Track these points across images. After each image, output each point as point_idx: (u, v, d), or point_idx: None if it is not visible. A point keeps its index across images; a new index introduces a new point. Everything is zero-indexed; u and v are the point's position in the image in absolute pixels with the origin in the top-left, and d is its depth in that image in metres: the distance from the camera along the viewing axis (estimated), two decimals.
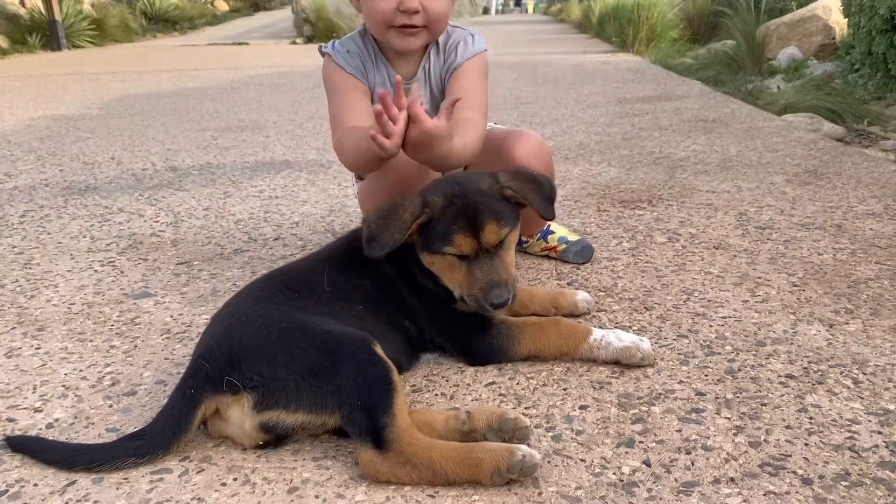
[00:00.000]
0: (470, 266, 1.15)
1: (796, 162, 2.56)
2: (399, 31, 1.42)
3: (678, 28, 7.94)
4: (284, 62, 7.98)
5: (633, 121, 3.57)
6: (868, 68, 4.66)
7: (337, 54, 1.49)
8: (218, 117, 4.12)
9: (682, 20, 8.14)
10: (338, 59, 1.48)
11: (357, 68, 1.48)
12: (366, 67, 1.49)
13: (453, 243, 1.14)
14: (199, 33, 14.16)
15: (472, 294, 1.15)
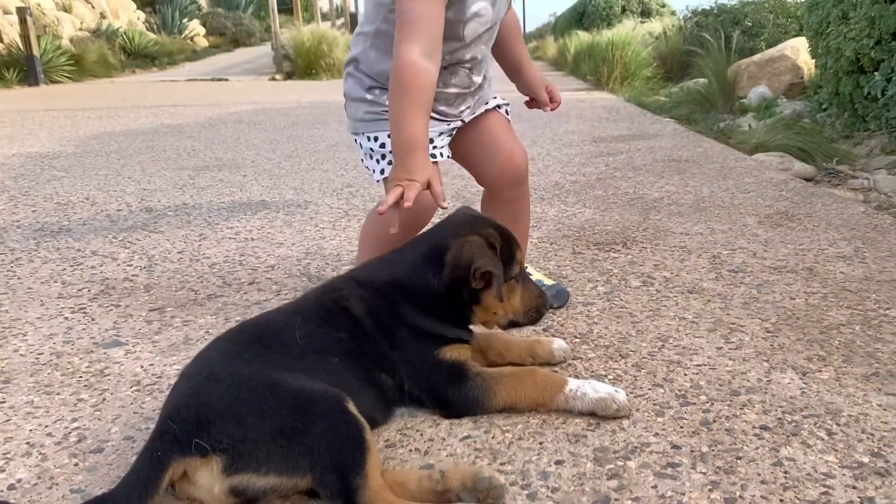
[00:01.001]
0: (523, 283, 1.27)
1: (768, 203, 2.60)
2: None
3: (651, 66, 8.08)
4: (263, 99, 8.01)
5: (608, 160, 3.61)
6: (835, 108, 4.77)
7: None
8: (195, 156, 4.11)
9: (656, 58, 8.30)
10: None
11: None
12: None
13: (517, 265, 1.25)
14: (179, 69, 14.18)
15: (534, 305, 1.28)
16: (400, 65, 1.34)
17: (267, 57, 14.42)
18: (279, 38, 12.36)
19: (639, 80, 7.81)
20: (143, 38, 14.45)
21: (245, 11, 19.81)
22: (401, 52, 1.34)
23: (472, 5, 1.43)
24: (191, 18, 17.61)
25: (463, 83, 1.55)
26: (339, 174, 3.48)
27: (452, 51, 1.48)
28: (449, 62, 1.49)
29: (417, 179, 1.26)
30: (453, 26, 1.42)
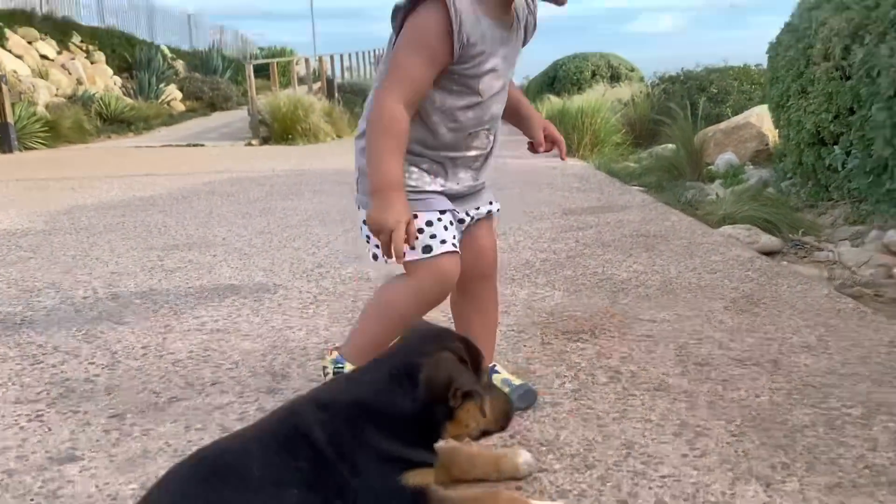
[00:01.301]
0: (489, 390, 1.25)
1: (734, 285, 2.63)
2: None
3: (621, 132, 8.26)
4: (238, 167, 8.03)
5: (578, 235, 3.65)
6: (799, 177, 4.88)
7: (454, 13, 1.36)
8: (166, 233, 4.09)
9: (625, 125, 8.49)
10: (454, 20, 1.36)
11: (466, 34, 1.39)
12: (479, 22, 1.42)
13: (483, 374, 1.25)
14: (155, 133, 14.23)
15: (503, 411, 1.26)
16: (383, 109, 1.40)
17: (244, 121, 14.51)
18: (255, 103, 12.47)
19: (609, 146, 7.97)
20: (119, 103, 14.52)
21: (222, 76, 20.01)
22: (384, 97, 1.41)
23: (488, 62, 1.45)
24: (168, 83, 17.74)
25: (482, 145, 1.56)
26: (310, 252, 3.48)
27: (471, 106, 1.48)
28: (473, 126, 1.51)
29: (402, 219, 1.36)
30: (470, 81, 1.45)
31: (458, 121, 1.48)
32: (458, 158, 1.53)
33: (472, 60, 1.42)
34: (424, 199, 1.50)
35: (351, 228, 4.00)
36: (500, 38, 1.46)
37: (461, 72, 1.43)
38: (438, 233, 1.49)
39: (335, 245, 3.64)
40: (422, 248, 1.47)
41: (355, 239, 3.76)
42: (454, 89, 1.46)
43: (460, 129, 1.50)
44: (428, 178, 1.52)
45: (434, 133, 1.49)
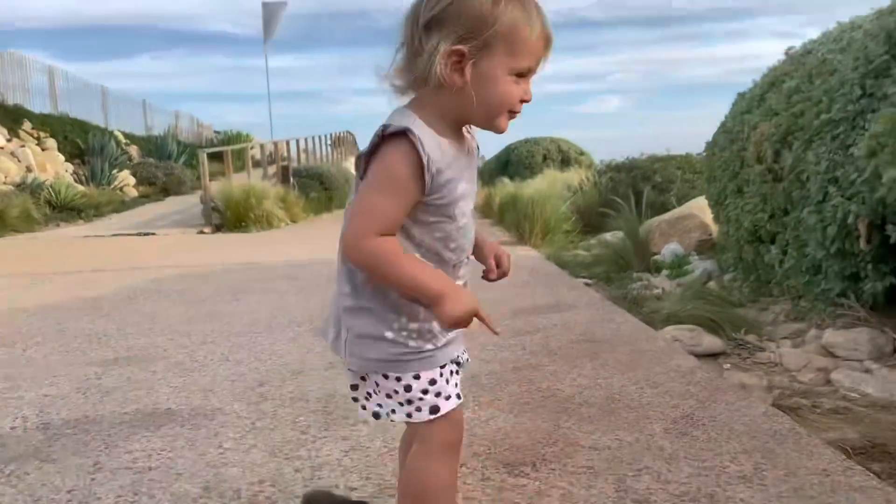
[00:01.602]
0: None
1: (675, 402, 2.64)
2: (511, 115, 1.43)
3: (570, 220, 8.43)
4: (188, 259, 7.96)
5: (525, 341, 3.65)
6: (741, 272, 5.00)
7: (423, 151, 1.34)
8: (106, 343, 3.99)
9: (574, 212, 8.68)
10: (423, 157, 1.34)
11: (435, 166, 1.37)
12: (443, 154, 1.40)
13: None
14: (106, 221, 14.07)
15: None
16: (374, 247, 1.35)
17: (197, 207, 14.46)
18: (208, 191, 12.47)
19: (559, 234, 8.12)
20: (69, 190, 14.38)
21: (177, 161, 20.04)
22: (364, 241, 1.36)
23: (458, 187, 1.42)
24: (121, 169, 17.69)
25: (465, 274, 1.52)
26: (252, 367, 3.41)
27: (452, 236, 1.45)
28: (457, 256, 1.47)
29: (476, 300, 1.33)
30: (445, 209, 1.42)
31: (443, 252, 1.45)
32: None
33: (443, 189, 1.40)
34: (425, 357, 1.46)
35: (295, 337, 3.96)
36: (463, 162, 1.46)
37: (435, 202, 1.40)
38: (443, 389, 1.46)
39: (279, 355, 3.58)
40: (429, 409, 1.44)
41: (300, 347, 3.72)
42: (431, 221, 1.42)
43: (446, 262, 1.46)
44: (427, 335, 1.46)
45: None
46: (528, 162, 15.64)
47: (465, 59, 1.33)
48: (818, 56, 4.30)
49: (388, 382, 1.46)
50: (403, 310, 1.44)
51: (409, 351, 1.44)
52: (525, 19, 1.35)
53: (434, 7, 1.35)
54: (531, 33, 1.35)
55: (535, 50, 1.38)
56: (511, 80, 1.37)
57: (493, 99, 1.38)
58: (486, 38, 1.32)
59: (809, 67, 4.28)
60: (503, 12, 1.32)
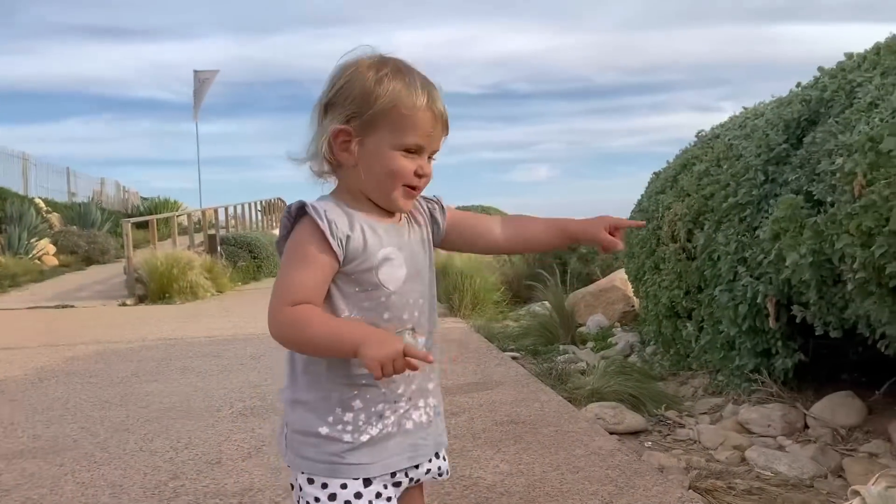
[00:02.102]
0: None
1: (594, 489, 2.66)
2: (407, 191, 1.41)
3: (500, 291, 8.52)
4: (107, 335, 7.67)
5: (450, 424, 3.62)
6: (661, 346, 5.13)
7: (322, 220, 1.34)
8: (11, 433, 3.78)
9: (503, 283, 8.78)
10: (323, 226, 1.34)
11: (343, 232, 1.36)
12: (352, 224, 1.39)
13: None
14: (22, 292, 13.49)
15: None
16: (284, 319, 1.32)
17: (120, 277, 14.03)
18: (132, 262, 12.13)
19: (488, 304, 8.18)
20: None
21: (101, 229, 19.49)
22: (277, 310, 1.33)
23: (379, 252, 1.39)
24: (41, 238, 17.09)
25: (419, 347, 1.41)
26: (167, 457, 3.28)
27: (382, 304, 1.39)
28: (395, 328, 1.40)
29: (399, 345, 1.24)
30: (366, 275, 1.38)
31: (378, 323, 1.38)
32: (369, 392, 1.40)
33: (359, 254, 1.38)
34: (350, 465, 1.39)
35: (214, 423, 3.84)
36: (392, 232, 1.44)
37: (355, 269, 1.38)
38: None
39: (196, 444, 3.46)
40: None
41: (218, 434, 3.60)
42: (357, 290, 1.39)
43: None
44: (363, 426, 1.39)
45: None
46: None
47: (351, 138, 1.38)
48: (725, 141, 4.54)
49: (312, 489, 1.39)
50: (335, 398, 1.38)
51: (344, 449, 1.37)
52: (407, 96, 1.37)
53: (329, 91, 1.41)
54: (414, 110, 1.38)
55: (422, 126, 1.39)
56: (399, 155, 1.39)
57: (382, 174, 1.40)
58: (369, 116, 1.36)
59: (718, 152, 4.52)
60: (385, 91, 1.36)
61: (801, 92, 4.06)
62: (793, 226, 3.26)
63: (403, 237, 1.46)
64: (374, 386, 1.39)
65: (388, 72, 1.39)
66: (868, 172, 2.75)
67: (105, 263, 17.69)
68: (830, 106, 3.60)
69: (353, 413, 1.39)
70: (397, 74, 1.39)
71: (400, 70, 1.40)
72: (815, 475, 3.00)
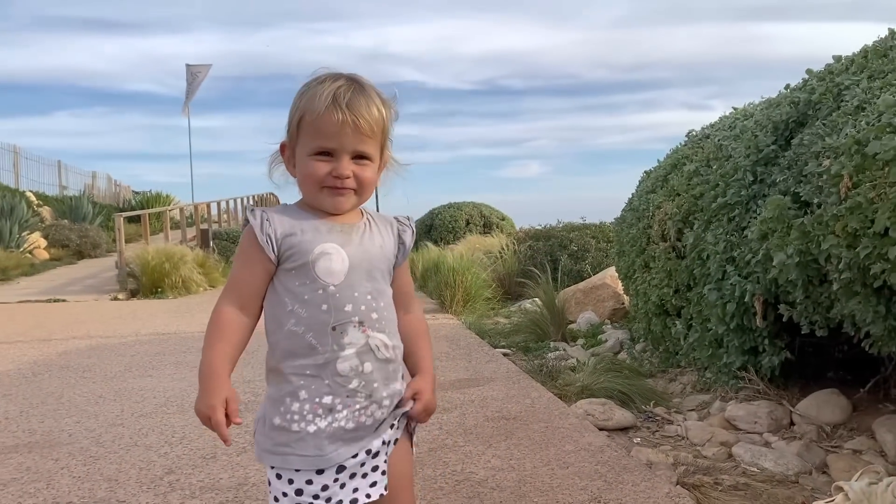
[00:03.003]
0: None
1: (583, 484, 2.71)
2: (330, 191, 1.51)
3: (491, 287, 8.56)
4: (99, 329, 7.69)
5: (442, 420, 3.68)
6: (650, 343, 5.18)
7: (256, 221, 1.51)
8: (6, 428, 3.81)
9: (495, 279, 8.82)
10: (255, 228, 1.50)
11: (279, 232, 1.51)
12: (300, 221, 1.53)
13: None
14: (13, 286, 13.45)
15: None
16: (212, 312, 1.50)
17: (112, 271, 14.01)
18: (123, 256, 12.12)
19: (480, 301, 8.22)
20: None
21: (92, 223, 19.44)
22: (216, 304, 1.51)
23: (315, 247, 1.48)
24: (32, 231, 17.04)
25: (359, 343, 1.47)
26: (162, 451, 3.32)
27: (320, 297, 1.47)
28: (335, 318, 1.47)
29: (216, 403, 1.40)
30: (304, 270, 1.48)
31: (318, 314, 1.46)
32: (332, 364, 1.46)
33: (295, 248, 1.49)
34: (298, 456, 1.45)
35: None
36: (335, 230, 1.52)
37: (292, 264, 1.49)
38: (335, 494, 1.47)
39: (190, 439, 3.49)
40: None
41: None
42: (297, 285, 1.48)
43: (325, 325, 1.46)
44: (308, 416, 1.45)
45: (297, 337, 1.47)
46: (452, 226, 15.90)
47: (286, 150, 1.56)
48: (715, 142, 4.59)
49: (279, 483, 1.46)
50: (286, 389, 1.47)
51: (292, 439, 1.43)
52: (311, 104, 1.49)
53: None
54: (316, 115, 1.48)
55: (324, 128, 1.48)
56: (312, 160, 1.50)
57: (304, 180, 1.54)
58: (292, 130, 1.53)
59: (707, 152, 4.57)
60: (298, 103, 1.51)
61: (789, 94, 4.11)
62: (780, 226, 3.31)
63: (352, 236, 1.55)
64: (318, 377, 1.46)
65: (308, 85, 1.52)
66: (854, 175, 2.80)
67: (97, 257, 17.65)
68: (818, 108, 3.66)
69: (300, 403, 1.46)
70: (316, 87, 1.50)
71: (322, 82, 1.50)
72: (801, 471, 3.06)
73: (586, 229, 9.39)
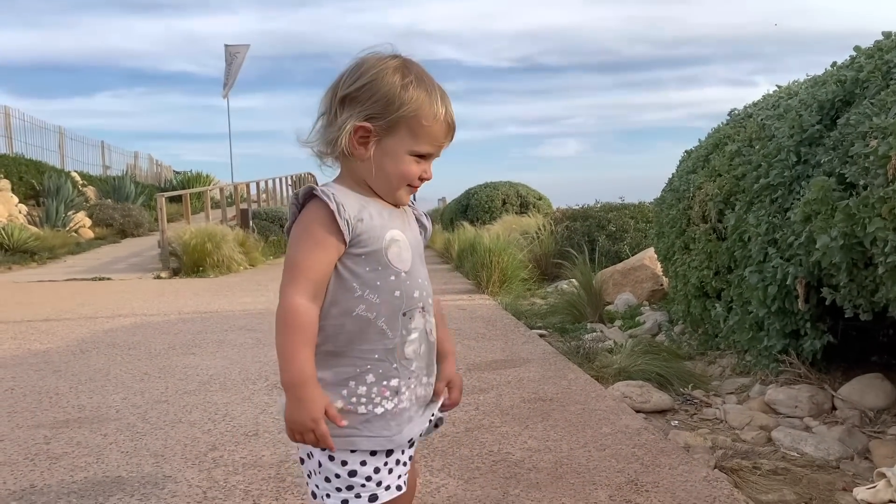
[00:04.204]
0: None
1: (620, 466, 2.72)
2: (410, 189, 1.53)
3: (528, 268, 8.55)
4: (143, 307, 7.87)
5: (479, 400, 3.71)
6: (689, 326, 5.13)
7: (331, 201, 1.44)
8: (57, 403, 3.94)
9: (531, 260, 8.80)
10: (332, 206, 1.44)
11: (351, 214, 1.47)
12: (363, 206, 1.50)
13: None
14: (60, 263, 13.83)
15: None
16: (285, 307, 1.42)
17: (154, 250, 14.30)
18: (165, 235, 12.35)
19: (516, 282, 8.22)
20: (22, 233, 14.13)
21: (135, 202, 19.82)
22: (284, 295, 1.43)
23: (386, 232, 1.50)
24: (77, 211, 17.44)
25: (421, 327, 1.53)
26: (205, 429, 3.40)
27: (392, 283, 1.49)
28: (407, 304, 1.50)
29: (319, 416, 1.37)
30: (376, 256, 1.48)
31: (390, 300, 1.48)
32: (400, 348, 1.50)
33: (366, 235, 1.47)
34: (366, 437, 1.47)
35: (250, 395, 3.96)
36: (396, 217, 1.55)
37: (362, 250, 1.47)
38: (384, 479, 1.49)
39: (233, 416, 3.58)
40: (368, 496, 1.47)
41: (255, 407, 3.71)
42: (367, 271, 1.48)
43: (396, 311, 1.49)
44: (376, 398, 1.48)
45: (368, 323, 1.47)
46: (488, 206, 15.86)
47: (370, 136, 1.46)
48: (758, 121, 4.50)
49: (332, 465, 1.48)
50: (349, 373, 1.47)
51: (360, 421, 1.46)
52: (429, 107, 1.47)
53: (351, 85, 1.48)
54: (434, 121, 1.47)
55: (437, 136, 1.50)
56: (412, 160, 1.49)
57: (393, 175, 1.50)
58: (391, 120, 1.45)
59: (750, 132, 4.48)
60: (410, 99, 1.44)
61: (835, 72, 4.01)
62: (824, 208, 3.24)
63: (405, 221, 1.58)
64: (386, 361, 1.49)
65: (412, 79, 1.47)
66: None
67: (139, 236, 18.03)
68: (866, 87, 3.56)
69: (367, 387, 1.48)
70: (420, 84, 1.48)
71: (423, 80, 1.49)
72: (842, 457, 3.03)
73: (625, 209, 9.31)
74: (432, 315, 1.58)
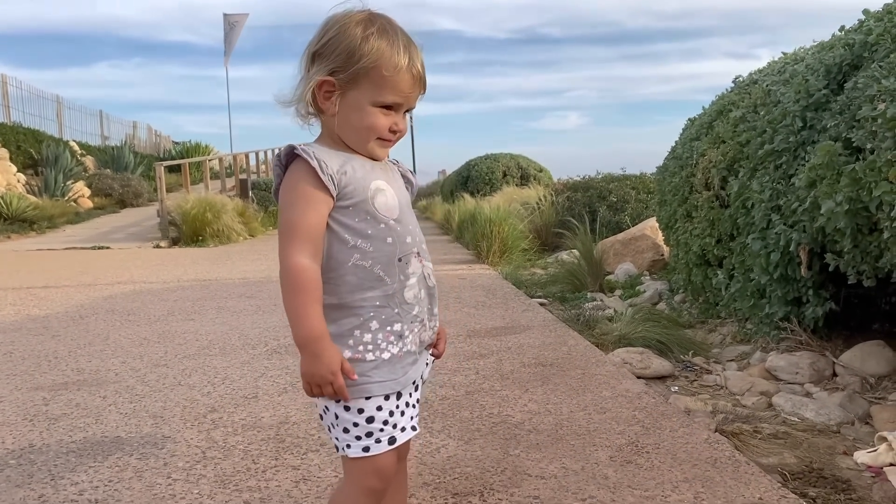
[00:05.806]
0: None
1: (621, 428, 2.71)
2: (382, 142, 1.53)
3: (528, 239, 8.52)
4: (142, 275, 7.86)
5: (478, 365, 3.70)
6: (690, 294, 5.12)
7: (312, 159, 1.45)
8: (56, 366, 3.93)
9: (531, 231, 8.77)
10: (313, 164, 1.45)
11: (334, 169, 1.47)
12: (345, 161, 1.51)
13: None
14: (59, 233, 13.80)
15: None
16: (287, 268, 1.43)
17: (154, 220, 14.26)
18: (165, 205, 12.31)
19: (516, 252, 8.20)
20: (21, 202, 14.08)
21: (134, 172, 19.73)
22: (284, 256, 1.44)
23: (370, 183, 1.50)
24: (76, 180, 17.36)
25: (418, 273, 1.55)
26: (205, 391, 3.40)
27: (382, 230, 1.50)
28: (401, 250, 1.52)
29: (336, 369, 1.39)
30: (364, 206, 1.49)
31: (383, 247, 1.50)
32: (400, 293, 1.51)
33: (351, 185, 1.48)
34: (377, 382, 1.48)
35: (249, 360, 3.95)
36: (377, 168, 1.55)
37: (348, 201, 1.48)
38: (398, 421, 1.51)
39: (233, 379, 3.57)
40: (388, 439, 1.49)
41: (254, 371, 3.71)
42: (358, 221, 1.49)
43: (391, 257, 1.50)
44: (382, 344, 1.50)
45: (365, 270, 1.49)
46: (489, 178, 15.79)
47: (335, 90, 1.47)
48: (763, 87, 4.44)
49: (349, 415, 1.48)
50: (354, 322, 1.49)
51: (369, 368, 1.47)
52: (389, 57, 1.46)
53: (318, 42, 1.50)
54: (395, 71, 1.46)
55: (401, 86, 1.48)
56: (377, 111, 1.49)
57: (360, 127, 1.51)
58: (353, 72, 1.45)
59: (755, 98, 4.43)
60: (370, 49, 1.44)
61: (844, 36, 3.94)
62: (830, 173, 3.21)
63: (389, 173, 1.59)
64: (388, 307, 1.51)
65: (374, 31, 1.46)
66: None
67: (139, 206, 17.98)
68: (875, 50, 3.50)
69: (371, 334, 1.49)
70: (383, 34, 1.46)
71: (386, 30, 1.47)
72: (842, 422, 3.02)
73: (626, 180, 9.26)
74: (429, 260, 1.61)
